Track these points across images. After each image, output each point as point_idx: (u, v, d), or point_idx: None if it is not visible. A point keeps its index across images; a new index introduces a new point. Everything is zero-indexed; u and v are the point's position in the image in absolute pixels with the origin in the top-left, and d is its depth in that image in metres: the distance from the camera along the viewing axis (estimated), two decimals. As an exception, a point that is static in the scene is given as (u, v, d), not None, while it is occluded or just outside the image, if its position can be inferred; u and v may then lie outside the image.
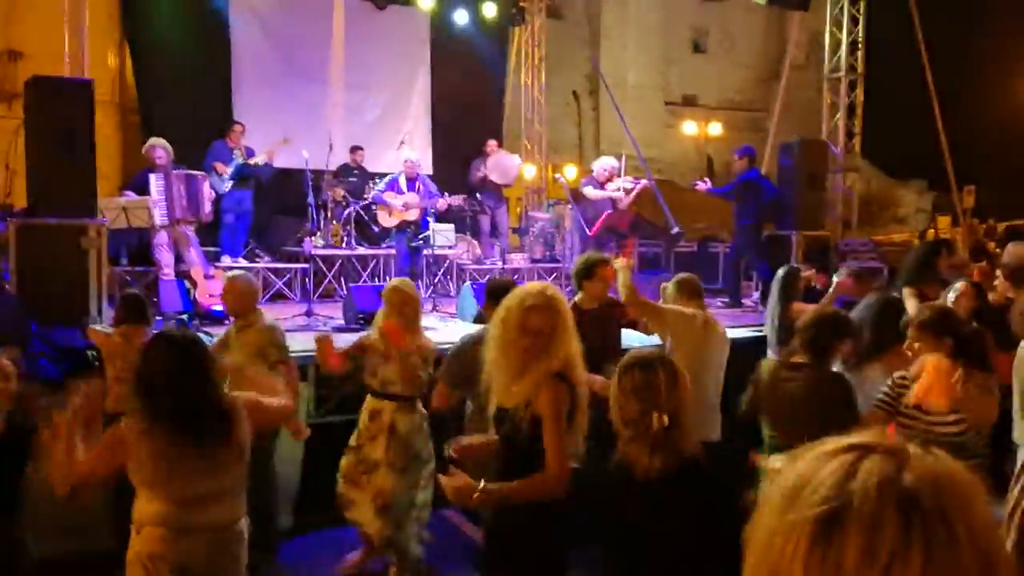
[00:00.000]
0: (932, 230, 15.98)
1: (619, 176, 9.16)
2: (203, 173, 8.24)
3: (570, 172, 17.40)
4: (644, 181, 9.23)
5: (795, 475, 0.78)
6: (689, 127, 21.80)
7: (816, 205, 9.56)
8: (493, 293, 4.42)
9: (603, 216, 8.99)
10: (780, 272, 5.73)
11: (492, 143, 10.86)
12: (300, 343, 5.17)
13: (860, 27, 10.08)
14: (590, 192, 9.08)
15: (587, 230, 9.56)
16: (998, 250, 7.70)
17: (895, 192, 21.07)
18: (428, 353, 4.36)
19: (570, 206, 10.12)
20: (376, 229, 9.73)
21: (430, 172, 11.16)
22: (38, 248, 6.26)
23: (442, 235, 8.83)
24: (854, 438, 0.80)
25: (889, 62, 12.15)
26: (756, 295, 9.12)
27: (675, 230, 10.71)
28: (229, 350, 4.33)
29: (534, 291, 2.67)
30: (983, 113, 19.69)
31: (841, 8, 10.04)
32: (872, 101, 10.96)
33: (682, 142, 21.98)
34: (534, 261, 10.63)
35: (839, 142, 10.30)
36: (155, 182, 7.72)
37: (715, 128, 21.54)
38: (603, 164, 9.23)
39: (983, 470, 3.24)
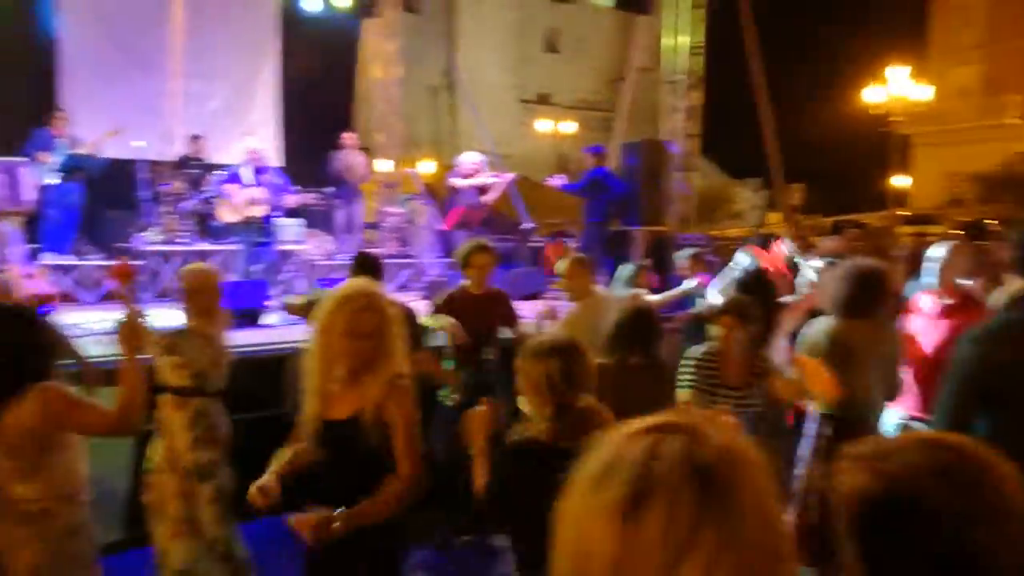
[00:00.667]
0: (763, 225, 17.09)
1: (484, 171, 9.24)
2: (22, 159, 7.61)
3: (427, 167, 17.37)
4: (510, 175, 9.37)
5: (600, 459, 0.82)
6: (543, 125, 22.28)
7: (657, 202, 10.02)
8: (365, 267, 4.38)
9: (457, 211, 9.04)
10: (629, 268, 5.96)
11: (347, 136, 10.66)
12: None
13: (699, 32, 10.62)
14: (459, 182, 9.06)
15: (441, 224, 9.60)
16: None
17: (732, 190, 22.40)
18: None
19: (423, 201, 10.12)
20: (216, 224, 9.30)
21: (281, 164, 10.81)
22: None
23: (290, 230, 8.57)
24: (655, 419, 0.84)
25: (726, 66, 12.87)
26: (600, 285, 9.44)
27: (527, 225, 10.95)
28: None
29: (357, 292, 2.47)
30: (813, 116, 21.29)
31: (679, 14, 10.53)
32: (711, 103, 11.56)
33: (537, 140, 22.44)
34: (388, 257, 10.52)
35: (678, 142, 10.82)
36: None
37: (568, 127, 22.13)
38: (468, 159, 9.27)
39: (784, 442, 3.53)
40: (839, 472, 1.09)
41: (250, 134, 10.08)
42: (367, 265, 4.40)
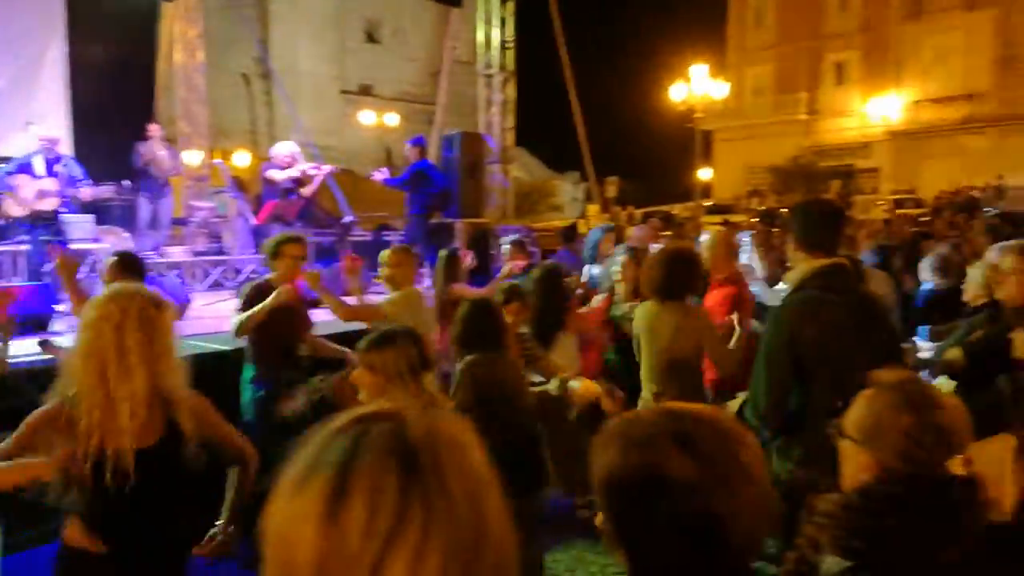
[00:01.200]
0: (583, 218, 17.75)
1: (300, 162, 8.91)
2: None
3: (243, 159, 16.62)
4: (327, 167, 9.11)
5: (304, 457, 0.78)
6: (367, 117, 21.93)
7: (477, 194, 10.12)
8: (129, 267, 4.07)
9: (270, 204, 8.70)
10: (442, 254, 5.98)
11: (154, 128, 9.94)
12: None
13: (509, 27, 10.81)
14: (275, 174, 8.66)
15: (252, 219, 9.21)
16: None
17: (552, 183, 23.10)
18: None
19: (233, 194, 9.66)
20: (3, 222, 8.40)
21: (71, 155, 9.93)
22: None
23: (79, 227, 7.88)
24: (361, 409, 0.82)
25: (540, 61, 13.24)
26: (428, 282, 9.43)
27: (347, 219, 10.73)
28: None
29: (134, 303, 2.15)
30: (622, 112, 22.38)
31: (491, 8, 10.67)
32: (527, 98, 11.83)
33: (360, 132, 22.06)
34: (197, 254, 9.95)
35: (495, 135, 10.99)
36: None
37: (392, 119, 21.92)
38: (284, 149, 8.89)
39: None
40: (593, 450, 1.13)
41: (33, 123, 9.17)
42: (129, 266, 4.12)
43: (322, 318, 4.98)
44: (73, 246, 8.04)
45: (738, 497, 1.04)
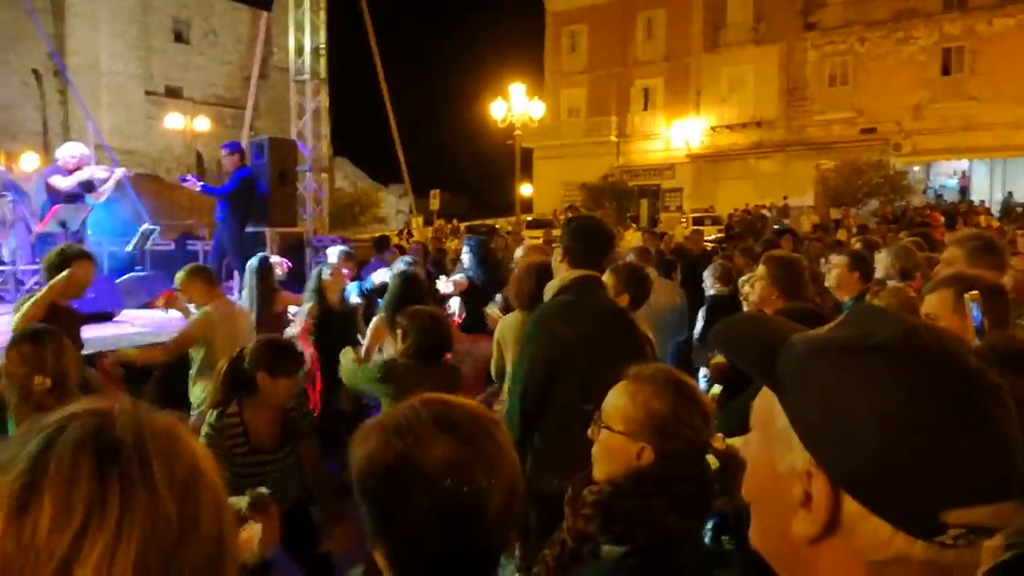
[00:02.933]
0: (406, 229, 17.75)
1: (91, 164, 8.22)
2: None
3: (32, 160, 15.27)
4: (120, 170, 8.45)
5: (2, 452, 0.74)
6: (174, 120, 20.75)
7: (289, 202, 9.83)
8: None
9: (53, 209, 7.99)
10: (253, 262, 5.75)
11: None
12: None
13: (321, 34, 10.64)
14: (59, 180, 7.91)
15: (33, 226, 8.44)
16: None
17: (377, 194, 22.92)
18: None
19: (10, 199, 8.80)
20: None
21: None
22: None
23: None
24: (68, 408, 0.78)
25: (355, 70, 13.12)
26: (237, 295, 9.03)
27: (146, 226, 10.08)
28: None
29: None
30: (445, 126, 22.57)
31: (303, 13, 10.45)
32: (346, 107, 11.67)
33: (167, 135, 20.84)
34: (-29, 263, 8.98)
35: (309, 143, 10.76)
36: None
37: (202, 123, 20.87)
38: (70, 151, 8.16)
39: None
40: (352, 444, 1.13)
41: None
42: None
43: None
44: None
45: (495, 472, 1.08)
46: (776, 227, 15.01)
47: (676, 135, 29.80)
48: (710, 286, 5.54)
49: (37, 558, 0.69)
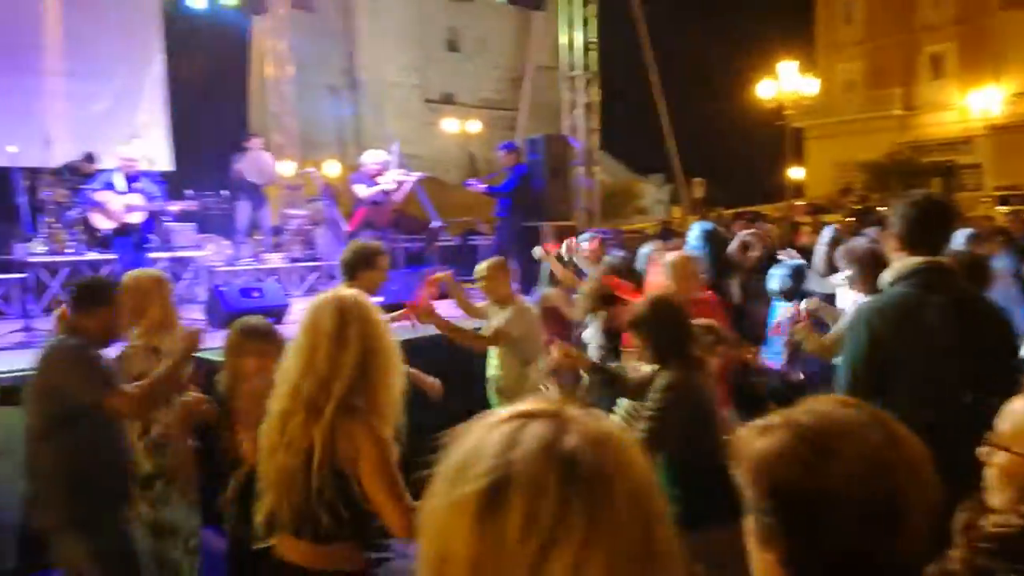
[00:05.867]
0: (669, 220, 17.47)
1: (390, 169, 9.01)
2: None
3: (332, 168, 17.02)
4: (415, 175, 9.17)
5: (461, 450, 0.76)
6: (449, 124, 22.18)
7: (562, 197, 10.06)
8: (358, 263, 4.03)
9: (361, 211, 8.82)
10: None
11: (254, 140, 10.28)
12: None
13: (591, 28, 10.72)
14: (361, 190, 8.76)
15: (343, 226, 9.36)
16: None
17: (637, 186, 22.84)
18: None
19: (326, 202, 9.86)
20: (108, 233, 8.82)
21: (171, 168, 10.35)
22: None
23: (182, 235, 8.18)
24: (519, 406, 0.79)
25: (624, 62, 13.09)
26: (516, 286, 9.39)
27: (436, 224, 10.82)
28: None
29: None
30: (708, 112, 21.96)
31: (573, 10, 10.60)
32: (609, 100, 11.70)
33: (443, 139, 22.33)
34: (293, 260, 10.23)
35: (579, 137, 10.91)
36: None
37: (474, 126, 22.12)
38: (373, 157, 9.00)
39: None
40: (742, 440, 1.06)
41: (137, 137, 9.59)
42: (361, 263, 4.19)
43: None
44: (177, 254, 8.39)
45: (917, 477, 0.99)
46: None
47: (973, 105, 26.42)
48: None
49: (505, 561, 0.69)
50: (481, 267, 4.60)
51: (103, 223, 8.02)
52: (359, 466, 1.99)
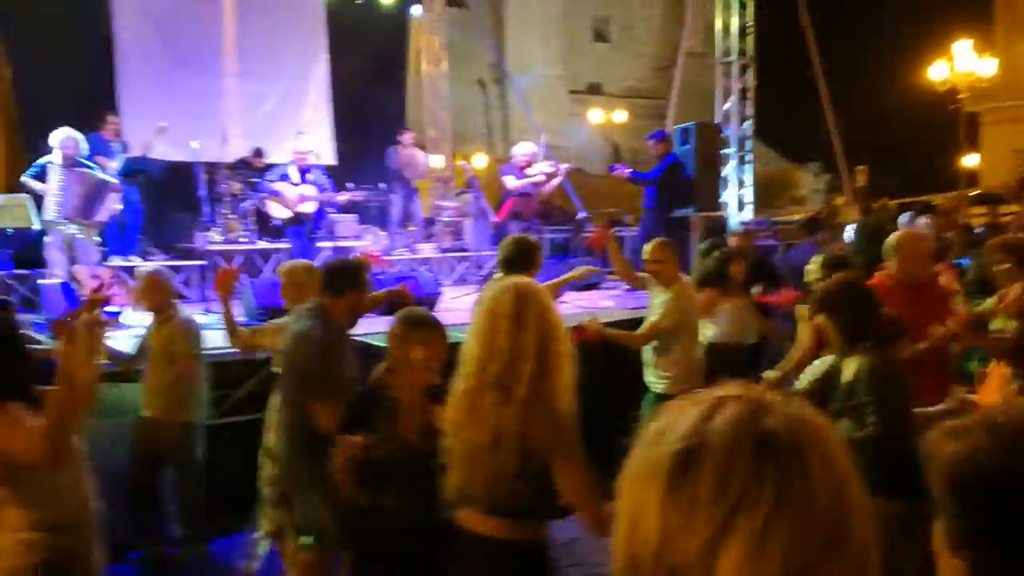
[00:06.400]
0: (829, 209, 16.62)
1: (539, 161, 9.14)
2: (115, 182, 7.74)
3: (479, 161, 17.38)
4: (565, 166, 9.26)
5: (657, 423, 0.79)
6: (594, 115, 22.06)
7: (713, 187, 9.80)
8: (518, 259, 4.07)
9: (509, 202, 8.96)
10: (704, 246, 5.95)
11: (407, 135, 10.70)
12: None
13: (749, 12, 10.35)
14: (511, 182, 8.94)
15: (493, 216, 9.54)
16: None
17: (792, 174, 21.86)
18: None
19: (475, 194, 10.08)
20: (279, 222, 9.45)
21: (333, 163, 10.91)
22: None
23: (344, 226, 8.62)
24: (717, 390, 0.81)
25: (780, 47, 12.55)
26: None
27: (582, 215, 10.84)
28: (148, 344, 4.44)
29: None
30: (873, 96, 20.67)
31: (731, -8, 10.30)
32: (765, 85, 11.28)
33: (588, 130, 22.25)
34: (444, 250, 10.54)
35: (733, 125, 10.58)
36: (56, 174, 7.25)
37: (620, 116, 21.89)
38: (523, 150, 9.17)
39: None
40: (934, 442, 1.02)
41: (303, 133, 10.19)
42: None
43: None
44: (339, 244, 8.86)
45: None
46: None
47: None
48: None
49: (692, 525, 0.70)
50: (647, 248, 4.68)
51: (279, 212, 8.64)
52: (546, 444, 2.09)
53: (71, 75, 9.46)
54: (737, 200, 10.64)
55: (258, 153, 9.68)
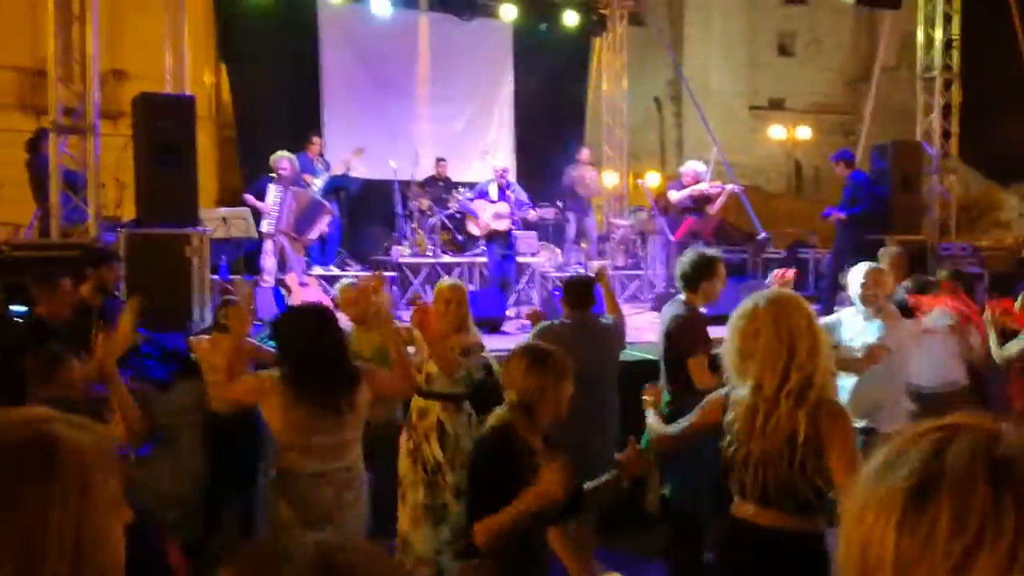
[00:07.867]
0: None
1: (706, 180, 9.06)
2: (327, 205, 8.48)
3: (652, 179, 17.29)
4: (730, 186, 9.08)
5: (886, 453, 0.80)
6: (776, 131, 21.31)
7: (911, 208, 9.24)
8: (573, 292, 4.49)
9: (687, 222, 8.90)
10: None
11: (583, 153, 10.88)
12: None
13: (954, 25, 9.69)
14: (673, 195, 8.98)
15: (670, 236, 9.49)
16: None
17: (996, 196, 20.06)
18: (473, 348, 4.22)
19: (652, 212, 10.06)
20: (461, 238, 9.88)
21: (513, 181, 11.27)
22: (145, 256, 6.57)
23: (524, 242, 8.88)
24: (944, 420, 0.81)
25: (986, 61, 11.65)
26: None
27: (762, 235, 10.53)
28: (352, 348, 4.58)
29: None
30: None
31: (934, 6, 9.67)
32: (969, 101, 10.52)
33: (768, 147, 21.51)
34: (616, 268, 10.59)
35: (934, 143, 9.91)
36: (273, 191, 8.05)
37: (803, 132, 21.02)
38: (689, 168, 9.15)
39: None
40: None
41: (488, 153, 10.62)
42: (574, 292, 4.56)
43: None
44: (519, 259, 9.15)
45: None
46: None
47: None
48: None
49: (929, 558, 0.70)
50: (859, 271, 4.34)
51: (475, 229, 9.09)
52: (832, 446, 2.34)
53: (282, 101, 10.45)
54: (938, 223, 9.95)
55: (438, 161, 10.27)
